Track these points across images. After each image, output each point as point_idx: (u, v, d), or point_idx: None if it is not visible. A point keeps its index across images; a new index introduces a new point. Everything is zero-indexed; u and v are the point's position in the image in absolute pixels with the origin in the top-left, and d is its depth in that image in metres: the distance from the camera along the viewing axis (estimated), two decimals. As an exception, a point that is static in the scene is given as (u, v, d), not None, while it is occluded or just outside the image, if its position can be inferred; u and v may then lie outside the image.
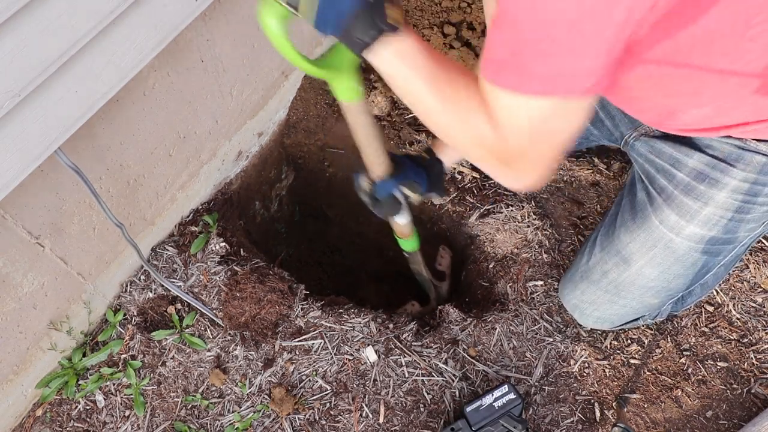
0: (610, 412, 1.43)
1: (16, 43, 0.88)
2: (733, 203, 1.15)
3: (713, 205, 1.17)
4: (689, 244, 1.24)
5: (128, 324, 1.55)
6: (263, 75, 1.68)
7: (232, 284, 1.56)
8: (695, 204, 1.19)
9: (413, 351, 1.50)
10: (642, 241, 1.30)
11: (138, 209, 1.49)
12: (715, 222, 1.19)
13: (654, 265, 1.30)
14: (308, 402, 1.46)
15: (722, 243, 1.23)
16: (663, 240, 1.26)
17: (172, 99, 1.39)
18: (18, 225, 1.19)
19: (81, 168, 1.16)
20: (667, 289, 1.34)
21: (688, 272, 1.30)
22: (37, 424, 1.47)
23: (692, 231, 1.21)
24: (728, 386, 1.46)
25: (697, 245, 1.23)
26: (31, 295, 1.32)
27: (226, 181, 1.79)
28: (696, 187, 1.18)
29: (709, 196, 1.17)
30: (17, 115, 0.96)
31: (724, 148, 1.13)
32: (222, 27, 1.42)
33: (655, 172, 1.27)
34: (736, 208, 1.16)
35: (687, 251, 1.25)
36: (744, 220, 1.18)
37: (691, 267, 1.29)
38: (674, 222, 1.23)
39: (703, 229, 1.20)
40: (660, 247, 1.27)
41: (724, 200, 1.15)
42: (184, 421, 1.46)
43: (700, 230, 1.21)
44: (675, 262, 1.28)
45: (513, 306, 1.57)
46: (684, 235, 1.23)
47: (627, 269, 1.34)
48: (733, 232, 1.20)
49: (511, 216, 1.69)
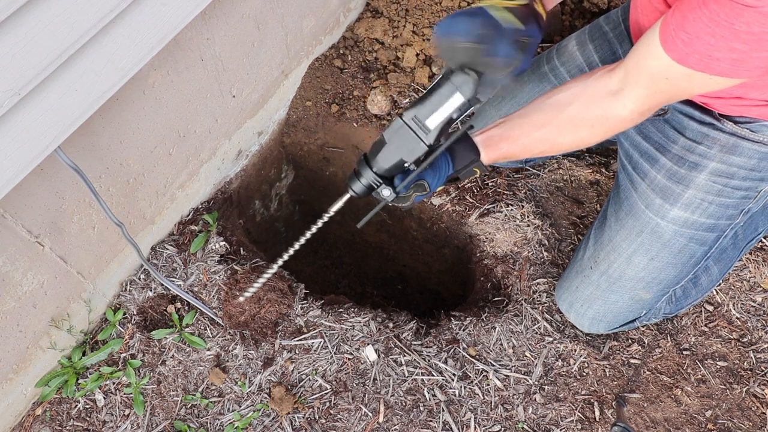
0: (609, 412, 1.43)
1: (16, 41, 0.88)
2: (713, 186, 1.23)
3: (694, 188, 1.24)
4: (675, 228, 1.30)
5: (128, 323, 1.55)
6: (263, 74, 1.68)
7: (232, 283, 1.56)
8: (677, 187, 1.26)
9: (413, 350, 1.50)
10: (630, 228, 1.35)
11: (138, 208, 1.49)
12: (697, 205, 1.26)
13: (642, 252, 1.35)
14: (308, 401, 1.46)
15: (705, 229, 1.29)
16: (650, 225, 1.32)
17: (171, 98, 1.39)
18: (18, 224, 1.19)
19: (81, 167, 1.16)
20: (658, 281, 1.37)
21: (677, 261, 1.34)
22: (37, 422, 1.47)
23: (676, 214, 1.28)
24: (728, 386, 1.46)
25: (682, 229, 1.29)
26: (30, 294, 1.32)
27: (225, 180, 1.79)
28: (678, 170, 1.26)
29: (690, 179, 1.24)
30: (17, 114, 0.96)
31: (694, 128, 1.23)
32: (222, 26, 1.42)
33: (639, 156, 1.34)
34: (716, 191, 1.23)
35: (673, 235, 1.31)
36: (724, 205, 1.25)
37: (679, 254, 1.34)
38: (659, 205, 1.29)
39: (686, 212, 1.27)
40: (647, 232, 1.33)
41: (704, 183, 1.23)
42: (184, 420, 1.46)
43: (684, 213, 1.27)
44: (662, 248, 1.33)
45: (513, 305, 1.57)
46: (669, 219, 1.29)
47: (617, 258, 1.38)
48: (715, 217, 1.27)
49: (511, 215, 1.69)
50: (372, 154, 1.07)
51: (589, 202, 1.73)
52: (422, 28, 1.90)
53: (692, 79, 0.91)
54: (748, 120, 1.15)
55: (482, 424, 1.42)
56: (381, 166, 1.07)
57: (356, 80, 1.89)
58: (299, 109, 1.90)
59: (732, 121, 1.17)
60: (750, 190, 1.24)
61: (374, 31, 1.93)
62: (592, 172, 1.75)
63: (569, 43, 1.54)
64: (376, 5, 1.98)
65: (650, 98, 0.99)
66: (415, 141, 1.03)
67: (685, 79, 0.92)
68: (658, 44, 0.91)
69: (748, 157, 1.18)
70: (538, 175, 1.76)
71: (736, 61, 0.84)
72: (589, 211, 1.72)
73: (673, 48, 0.89)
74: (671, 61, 0.90)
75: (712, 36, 0.83)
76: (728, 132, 1.18)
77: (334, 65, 1.91)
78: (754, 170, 1.20)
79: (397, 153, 1.05)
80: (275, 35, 1.64)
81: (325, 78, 1.90)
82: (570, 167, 1.76)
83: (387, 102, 1.82)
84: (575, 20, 1.95)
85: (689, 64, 0.88)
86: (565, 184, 1.76)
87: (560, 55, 1.52)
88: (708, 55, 0.85)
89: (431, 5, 1.92)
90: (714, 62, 0.86)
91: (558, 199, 1.74)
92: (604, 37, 1.46)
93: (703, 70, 0.88)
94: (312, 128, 1.92)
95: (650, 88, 0.98)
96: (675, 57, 0.89)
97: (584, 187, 1.75)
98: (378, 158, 1.06)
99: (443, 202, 1.77)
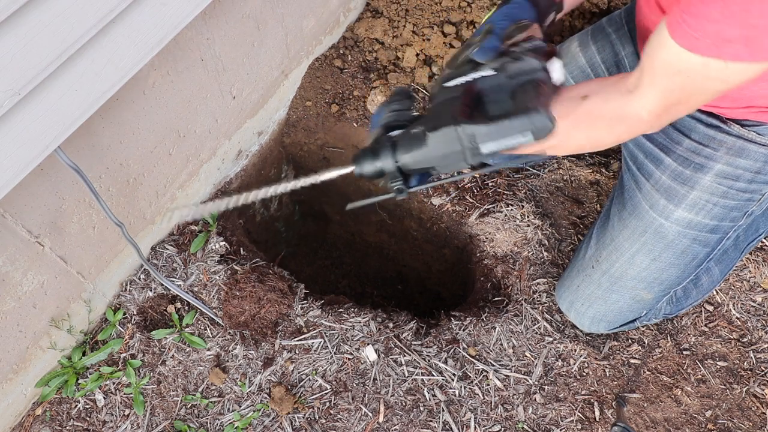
0: (609, 412, 1.43)
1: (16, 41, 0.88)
2: (718, 188, 1.22)
3: (699, 189, 1.24)
4: (678, 229, 1.29)
5: (128, 323, 1.55)
6: (263, 74, 1.68)
7: (232, 283, 1.56)
8: (682, 188, 1.25)
9: (413, 350, 1.50)
10: (633, 227, 1.35)
11: (138, 208, 1.49)
12: (701, 206, 1.25)
13: (645, 252, 1.34)
14: (308, 401, 1.46)
15: (709, 231, 1.29)
16: (653, 225, 1.32)
17: (171, 98, 1.39)
18: (18, 224, 1.19)
19: (81, 167, 1.16)
20: (660, 281, 1.37)
21: (679, 261, 1.34)
22: (37, 423, 1.47)
23: (680, 215, 1.27)
24: (728, 386, 1.46)
25: (685, 230, 1.29)
26: (30, 294, 1.32)
27: (226, 180, 1.79)
28: (683, 171, 1.25)
29: (695, 180, 1.23)
30: (17, 114, 0.96)
31: (701, 130, 1.22)
32: (222, 26, 1.42)
33: (644, 157, 1.33)
34: (721, 193, 1.23)
35: (676, 236, 1.30)
36: (728, 207, 1.24)
37: (681, 255, 1.33)
38: (663, 206, 1.29)
39: (690, 213, 1.26)
40: (650, 232, 1.33)
41: (709, 184, 1.23)
42: (184, 420, 1.46)
43: (688, 214, 1.27)
44: (665, 249, 1.32)
45: (513, 305, 1.57)
46: (673, 219, 1.29)
47: (619, 258, 1.38)
48: (719, 219, 1.26)
49: (511, 215, 1.69)
50: (403, 146, 0.92)
51: (589, 202, 1.73)
52: (422, 28, 1.90)
53: (707, 69, 0.84)
54: (755, 123, 1.15)
55: (482, 424, 1.42)
56: (407, 163, 0.92)
57: (356, 80, 1.89)
58: (299, 109, 1.90)
59: (739, 124, 1.16)
60: (755, 193, 1.23)
61: (374, 31, 1.93)
62: (592, 172, 1.75)
63: (571, 44, 1.53)
64: (376, 5, 1.98)
65: (666, 97, 0.93)
66: (460, 159, 0.88)
67: (699, 71, 0.85)
68: (666, 34, 0.86)
69: (754, 160, 1.18)
70: (538, 175, 1.76)
71: (751, 39, 0.77)
72: (589, 211, 1.72)
73: (681, 34, 0.83)
74: (681, 50, 0.84)
75: (721, 13, 0.76)
76: (735, 135, 1.17)
77: (334, 65, 1.91)
78: (760, 173, 1.20)
79: (434, 161, 0.91)
80: (275, 35, 1.64)
81: (325, 78, 1.90)
82: (570, 167, 1.76)
83: (387, 102, 1.82)
84: (575, 20, 1.95)
85: (700, 50, 0.82)
86: (565, 184, 1.76)
87: (563, 56, 1.52)
88: (719, 36, 0.78)
89: (431, 5, 1.92)
90: (726, 45, 0.79)
91: (558, 199, 1.74)
92: (607, 38, 1.46)
93: (715, 55, 0.81)
94: (312, 128, 1.92)
95: (665, 84, 0.91)
96: (684, 44, 0.84)
97: (584, 187, 1.75)
98: (409, 154, 0.91)
99: (443, 202, 1.77)
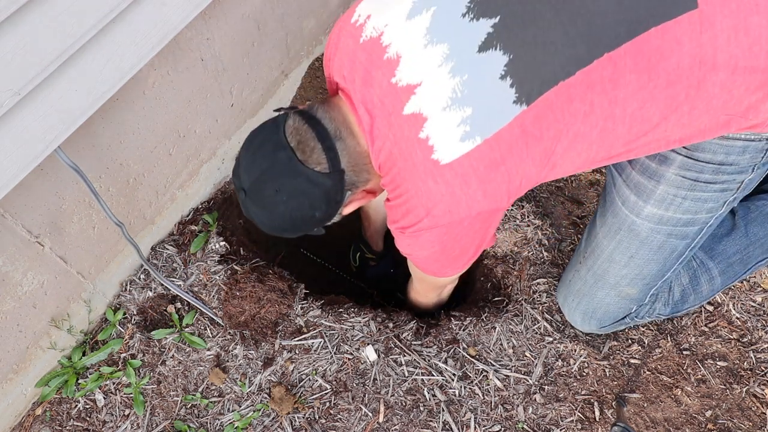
0: (609, 412, 1.43)
1: (17, 41, 0.88)
2: (683, 181, 1.19)
3: (665, 183, 1.20)
4: (650, 226, 1.27)
5: (128, 323, 1.55)
6: (263, 74, 1.68)
7: (232, 283, 1.56)
8: (649, 183, 1.22)
9: (413, 350, 1.50)
10: (609, 225, 1.34)
11: (138, 208, 1.49)
12: (670, 201, 1.22)
13: (622, 250, 1.33)
14: (308, 401, 1.46)
15: (683, 225, 1.25)
16: (626, 222, 1.30)
17: (171, 98, 1.39)
18: (18, 224, 1.19)
19: (81, 167, 1.16)
20: (642, 276, 1.36)
21: (657, 257, 1.32)
22: (37, 422, 1.47)
23: (650, 211, 1.25)
24: (728, 386, 1.46)
25: (657, 226, 1.26)
26: (30, 294, 1.32)
27: (226, 180, 1.79)
28: (649, 165, 1.22)
29: (660, 174, 1.20)
30: (17, 114, 0.96)
31: None
32: (222, 26, 1.42)
33: None
34: (688, 186, 1.19)
35: (649, 233, 1.28)
36: (701, 199, 1.21)
37: (659, 251, 1.31)
38: (633, 202, 1.26)
39: (659, 209, 1.24)
40: (624, 230, 1.31)
41: (673, 177, 1.19)
42: (184, 420, 1.46)
43: (657, 210, 1.24)
44: (641, 246, 1.31)
45: (513, 305, 1.57)
46: (644, 216, 1.26)
47: (600, 255, 1.38)
48: (693, 212, 1.23)
49: (511, 215, 1.69)
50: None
51: (589, 202, 1.73)
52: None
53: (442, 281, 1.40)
54: None
55: (482, 424, 1.42)
56: None
57: (356, 80, 1.89)
58: (299, 109, 1.90)
59: None
60: (727, 183, 1.19)
61: (374, 31, 1.92)
62: (592, 172, 1.75)
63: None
64: (376, 5, 1.98)
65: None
66: None
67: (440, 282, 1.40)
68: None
69: (712, 153, 1.14)
70: (538, 175, 1.76)
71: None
72: (589, 211, 1.72)
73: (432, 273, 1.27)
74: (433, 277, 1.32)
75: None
76: None
77: (334, 65, 1.91)
78: (724, 164, 1.15)
79: None
80: (275, 35, 1.64)
81: (324, 78, 1.90)
82: (570, 167, 1.76)
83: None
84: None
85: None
86: (565, 184, 1.76)
87: None
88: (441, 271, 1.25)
89: (431, 5, 1.92)
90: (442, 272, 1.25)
91: (558, 199, 1.74)
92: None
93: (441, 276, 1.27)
94: (312, 128, 1.91)
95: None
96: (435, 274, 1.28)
97: (584, 187, 1.75)
98: None
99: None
